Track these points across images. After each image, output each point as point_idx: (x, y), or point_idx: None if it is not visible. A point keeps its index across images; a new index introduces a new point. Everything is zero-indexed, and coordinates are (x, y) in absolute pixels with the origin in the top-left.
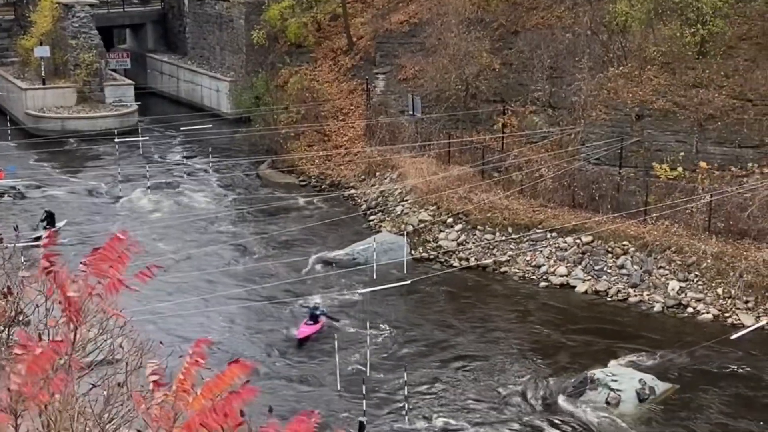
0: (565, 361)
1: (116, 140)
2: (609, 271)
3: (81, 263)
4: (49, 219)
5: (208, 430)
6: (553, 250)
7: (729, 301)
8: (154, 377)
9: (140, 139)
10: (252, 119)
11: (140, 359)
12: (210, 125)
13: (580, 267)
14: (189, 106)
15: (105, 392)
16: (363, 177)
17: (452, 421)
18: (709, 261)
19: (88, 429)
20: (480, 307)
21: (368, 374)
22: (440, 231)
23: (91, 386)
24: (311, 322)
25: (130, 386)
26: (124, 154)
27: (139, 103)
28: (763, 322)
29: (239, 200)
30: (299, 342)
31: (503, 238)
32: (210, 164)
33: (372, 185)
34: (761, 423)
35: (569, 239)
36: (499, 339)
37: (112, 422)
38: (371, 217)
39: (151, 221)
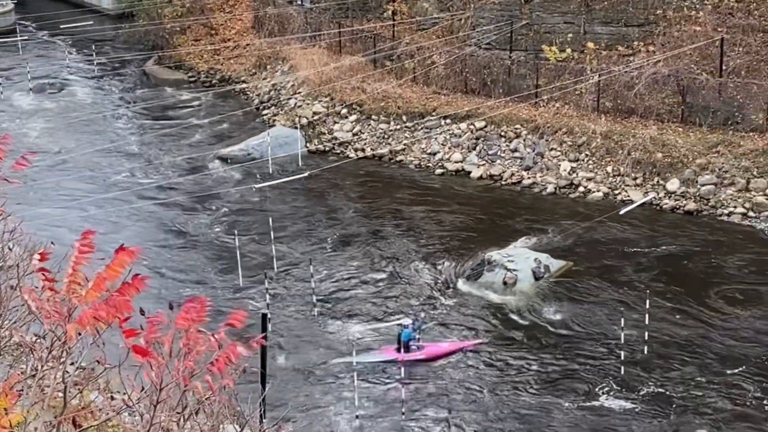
0: (463, 244)
1: None
2: (503, 155)
3: None
4: None
5: (102, 322)
6: (448, 136)
7: (618, 178)
8: (42, 275)
9: (19, 39)
10: (135, 14)
11: (31, 262)
12: (91, 22)
13: (474, 152)
14: (68, 3)
15: None
16: (254, 71)
17: (357, 309)
18: (598, 140)
19: None
20: (378, 196)
21: (275, 269)
22: (335, 122)
23: None
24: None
25: (22, 290)
26: (2, 55)
27: (15, 1)
28: (650, 197)
29: (126, 98)
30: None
31: (398, 126)
32: (94, 63)
33: (263, 79)
34: (647, 291)
35: (463, 125)
36: (397, 226)
37: (3, 327)
38: (264, 111)
39: (34, 123)
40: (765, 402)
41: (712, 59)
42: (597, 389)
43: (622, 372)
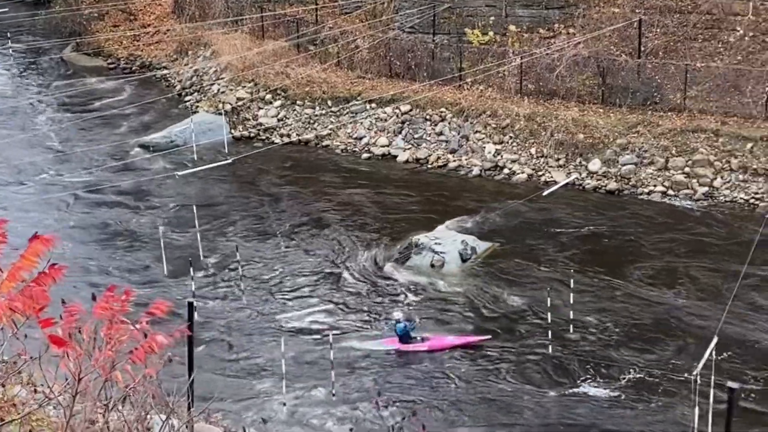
0: (391, 228)
1: None
2: (428, 138)
3: None
4: None
5: (18, 314)
6: (373, 121)
7: (542, 159)
8: None
9: None
10: (52, 0)
11: None
12: (6, 9)
13: (400, 136)
14: None
15: None
16: (175, 56)
17: (285, 295)
18: (522, 122)
19: None
20: (304, 182)
21: (201, 257)
22: (259, 108)
23: None
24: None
25: None
26: None
27: None
28: (572, 177)
29: (44, 86)
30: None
31: (323, 111)
32: (10, 50)
33: (185, 64)
34: (572, 271)
35: (388, 109)
36: (324, 211)
37: None
38: (187, 98)
39: None
40: (686, 375)
41: (630, 41)
42: (525, 369)
43: (550, 351)
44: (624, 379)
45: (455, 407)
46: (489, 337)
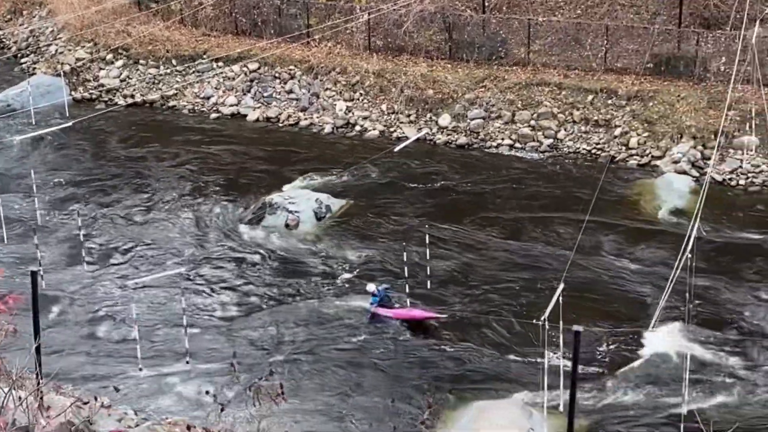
0: (243, 188)
1: None
2: (278, 96)
3: None
4: None
5: None
6: (221, 80)
7: (393, 116)
8: None
9: None
10: None
11: None
12: None
13: (249, 95)
14: None
15: None
16: (9, 16)
17: (135, 261)
18: (371, 79)
19: None
20: (150, 143)
21: (38, 221)
22: (100, 69)
23: None
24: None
25: None
26: None
27: None
28: (423, 133)
29: None
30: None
31: (168, 71)
32: None
33: (20, 25)
34: (426, 226)
35: (236, 68)
36: (173, 174)
37: None
38: (23, 60)
39: None
40: (535, 321)
41: None
42: (384, 324)
43: (408, 305)
44: (479, 327)
45: (312, 366)
46: (444, 316)
